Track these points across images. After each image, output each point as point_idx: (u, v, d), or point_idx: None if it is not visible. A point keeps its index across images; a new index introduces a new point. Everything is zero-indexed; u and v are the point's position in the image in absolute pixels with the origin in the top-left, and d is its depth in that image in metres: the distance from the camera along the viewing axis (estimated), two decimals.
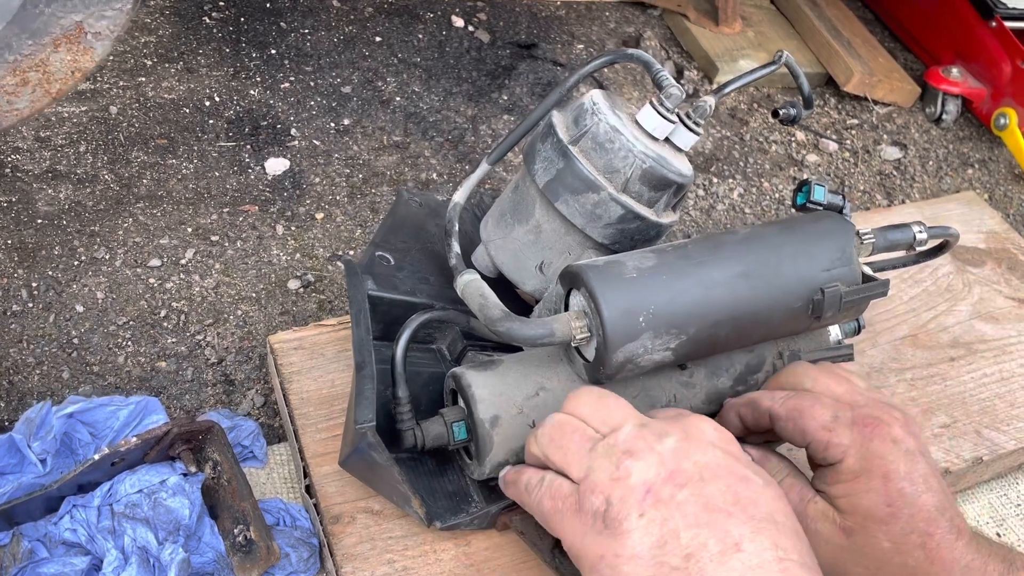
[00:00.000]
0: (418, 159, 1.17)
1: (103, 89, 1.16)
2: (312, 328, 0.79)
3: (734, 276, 0.61)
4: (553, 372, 0.65)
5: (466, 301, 0.65)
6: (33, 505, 0.65)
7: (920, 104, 1.47)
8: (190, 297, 0.94)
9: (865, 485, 0.56)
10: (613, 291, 0.58)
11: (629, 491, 0.49)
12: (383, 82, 1.28)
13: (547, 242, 0.70)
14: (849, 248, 0.65)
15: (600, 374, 0.60)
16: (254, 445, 0.75)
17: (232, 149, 1.13)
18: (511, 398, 0.64)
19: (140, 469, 0.67)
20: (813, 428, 0.58)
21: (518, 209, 0.71)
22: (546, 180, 0.67)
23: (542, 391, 0.64)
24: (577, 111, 0.67)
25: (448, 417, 0.65)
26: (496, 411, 0.63)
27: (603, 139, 0.65)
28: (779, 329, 0.65)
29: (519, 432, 0.63)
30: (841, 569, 0.57)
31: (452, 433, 0.64)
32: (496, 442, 0.63)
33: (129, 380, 0.86)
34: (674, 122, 0.66)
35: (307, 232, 1.04)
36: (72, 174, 1.04)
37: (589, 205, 0.65)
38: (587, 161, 0.65)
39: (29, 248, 0.95)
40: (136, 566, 0.61)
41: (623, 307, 0.57)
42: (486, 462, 0.64)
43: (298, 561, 0.66)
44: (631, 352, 0.59)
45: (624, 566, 0.47)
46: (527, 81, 1.34)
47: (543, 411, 0.63)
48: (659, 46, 1.44)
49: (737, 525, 0.47)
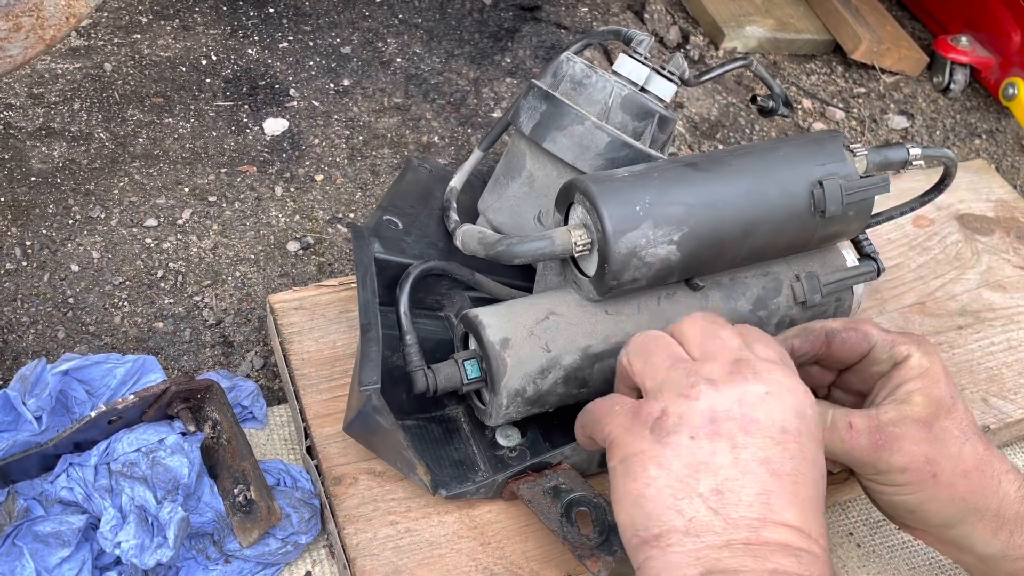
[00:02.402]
0: (419, 121, 1.15)
1: (97, 46, 1.13)
2: (313, 288, 0.78)
3: (729, 172, 0.62)
4: (561, 299, 0.64)
5: (466, 247, 0.66)
6: (29, 463, 0.63)
7: (928, 73, 1.45)
8: (187, 258, 0.92)
9: (934, 378, 0.59)
10: (608, 186, 0.58)
11: (692, 411, 0.47)
12: (383, 43, 1.25)
13: (541, 189, 0.70)
14: (840, 149, 0.65)
15: (607, 276, 0.59)
16: (254, 406, 0.74)
17: (230, 109, 1.10)
18: (520, 322, 0.62)
19: (138, 428, 0.66)
20: (877, 332, 0.61)
21: (510, 168, 0.72)
22: (532, 125, 0.68)
23: (552, 315, 0.63)
24: (554, 67, 0.70)
25: (460, 357, 0.63)
26: (506, 333, 0.61)
27: (580, 77, 0.67)
28: (786, 232, 0.64)
29: (533, 354, 0.62)
30: (930, 469, 0.57)
31: (464, 372, 0.62)
32: (510, 364, 0.61)
33: (126, 340, 0.84)
34: (649, 68, 0.68)
35: (306, 194, 1.02)
36: (66, 132, 1.02)
37: (576, 137, 0.66)
38: (568, 99, 0.67)
39: (23, 206, 0.93)
40: (134, 525, 0.60)
41: (619, 198, 0.58)
42: (501, 389, 0.61)
43: (299, 522, 0.65)
44: (633, 243, 0.58)
45: (652, 468, 0.46)
46: (530, 44, 1.31)
47: (555, 334, 0.62)
48: (664, 11, 1.42)
49: (782, 498, 0.46)
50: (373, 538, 0.62)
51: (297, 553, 0.66)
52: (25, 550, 0.59)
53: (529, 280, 0.72)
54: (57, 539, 0.60)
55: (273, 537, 0.64)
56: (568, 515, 0.62)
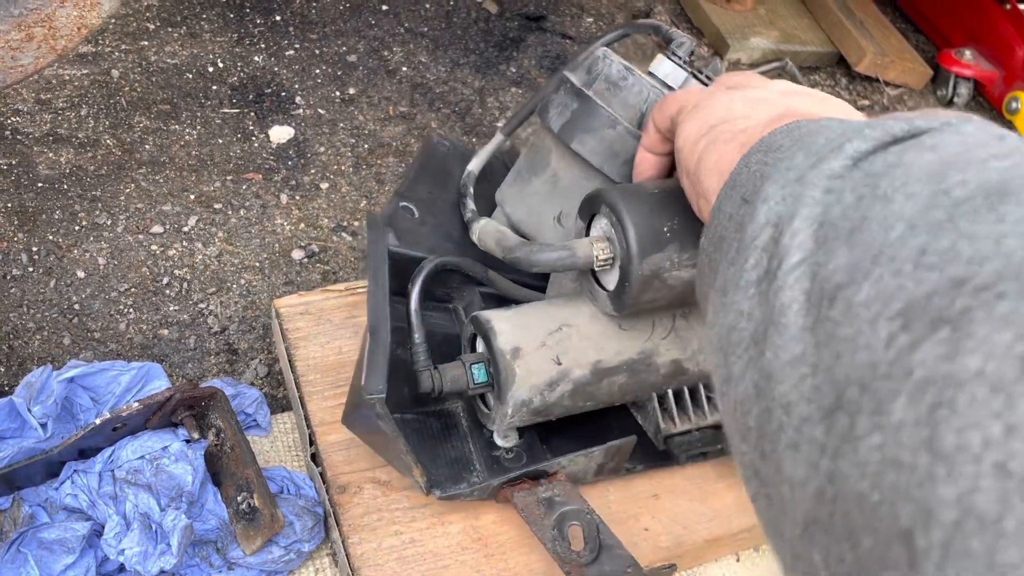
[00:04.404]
0: (424, 130, 1.15)
1: (104, 52, 1.14)
2: (319, 293, 0.78)
3: None
4: (576, 310, 0.63)
5: (483, 244, 0.63)
6: (34, 470, 0.64)
7: (932, 86, 1.45)
8: (192, 265, 0.93)
9: None
10: (636, 202, 0.55)
11: (760, 81, 0.49)
12: (389, 51, 1.26)
13: (564, 190, 0.68)
14: None
15: (626, 294, 0.57)
16: (257, 413, 0.74)
17: (236, 116, 1.11)
18: (532, 332, 0.61)
19: (142, 435, 0.66)
20: None
21: (533, 163, 0.70)
22: (561, 123, 0.65)
23: (565, 327, 0.62)
24: (589, 62, 0.67)
25: (468, 360, 0.62)
26: (517, 342, 0.60)
27: (616, 78, 0.65)
28: None
29: (543, 367, 0.61)
30: None
31: (471, 376, 0.61)
32: (519, 375, 0.60)
33: (131, 347, 0.84)
34: (687, 71, 0.65)
35: (311, 202, 1.02)
36: (73, 138, 1.02)
37: (607, 142, 0.64)
38: (601, 100, 0.65)
39: (29, 212, 0.94)
40: (138, 532, 0.60)
41: (646, 215, 0.55)
42: (508, 399, 0.61)
43: (302, 530, 0.65)
44: (657, 265, 0.55)
45: (717, 98, 0.47)
46: (535, 54, 1.32)
47: (567, 346, 0.61)
48: (670, 21, 1.42)
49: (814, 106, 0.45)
50: (378, 548, 0.62)
51: (300, 561, 0.66)
52: (30, 556, 0.59)
53: (542, 280, 0.72)
54: (62, 546, 0.60)
55: (276, 545, 0.64)
56: (560, 529, 0.61)
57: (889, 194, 0.28)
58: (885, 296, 0.26)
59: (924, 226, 0.26)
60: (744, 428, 0.31)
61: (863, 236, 0.28)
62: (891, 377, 0.24)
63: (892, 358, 0.24)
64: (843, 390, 0.26)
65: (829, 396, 0.26)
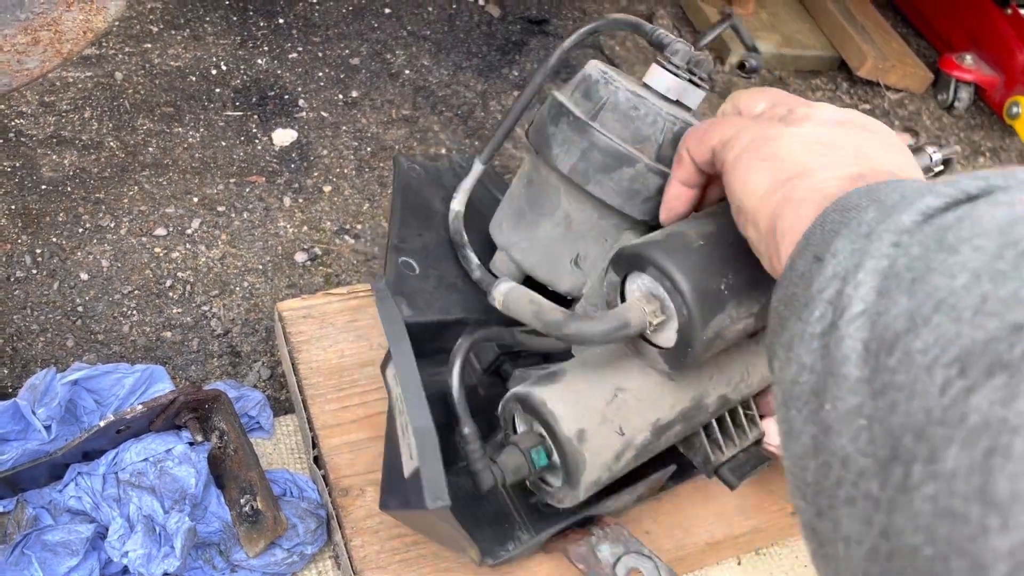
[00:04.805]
0: (427, 133, 1.15)
1: (108, 55, 1.14)
2: (322, 296, 0.78)
3: None
4: (625, 371, 0.59)
5: (513, 313, 0.55)
6: (38, 472, 0.64)
7: (932, 91, 1.46)
8: (196, 267, 0.93)
9: None
10: (686, 262, 0.51)
11: (819, 110, 0.48)
12: (392, 55, 1.26)
13: (579, 232, 0.64)
14: None
15: (688, 357, 0.53)
16: (260, 416, 0.75)
17: (239, 119, 1.11)
18: (591, 407, 0.56)
19: (146, 437, 0.66)
20: None
21: (538, 203, 0.65)
22: (570, 163, 0.61)
23: (620, 392, 0.58)
24: (584, 85, 0.62)
25: (524, 443, 0.57)
26: (580, 424, 0.55)
27: (626, 107, 0.60)
28: None
29: (608, 442, 0.56)
30: None
31: (532, 462, 0.56)
32: (589, 459, 0.56)
33: (134, 349, 0.85)
34: (686, 80, 0.61)
35: (314, 205, 1.03)
36: (77, 140, 1.03)
37: (625, 181, 0.60)
38: (612, 134, 0.60)
39: (33, 214, 0.94)
40: (142, 534, 0.61)
41: (702, 277, 0.51)
42: (580, 484, 0.56)
43: (305, 532, 0.65)
44: (720, 326, 0.52)
45: (785, 139, 0.46)
46: (538, 57, 1.32)
47: (627, 413, 0.57)
48: (671, 25, 1.42)
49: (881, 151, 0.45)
50: (380, 551, 0.63)
51: (303, 563, 0.66)
52: (34, 559, 0.59)
53: None
54: (65, 548, 0.60)
55: (279, 547, 0.64)
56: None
57: (955, 246, 0.28)
58: (943, 342, 0.25)
59: (988, 275, 0.26)
60: (803, 484, 0.31)
61: (925, 285, 0.28)
62: (945, 423, 0.23)
63: (947, 404, 0.24)
64: (899, 440, 0.26)
65: (885, 447, 0.26)
